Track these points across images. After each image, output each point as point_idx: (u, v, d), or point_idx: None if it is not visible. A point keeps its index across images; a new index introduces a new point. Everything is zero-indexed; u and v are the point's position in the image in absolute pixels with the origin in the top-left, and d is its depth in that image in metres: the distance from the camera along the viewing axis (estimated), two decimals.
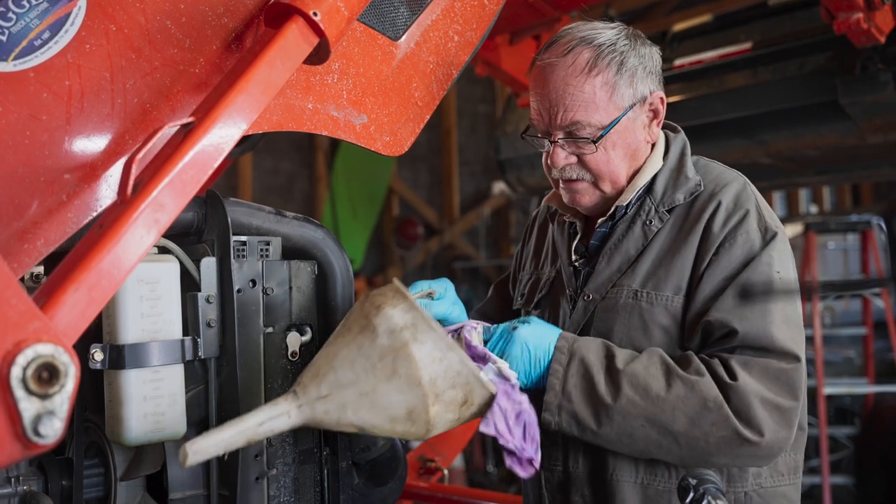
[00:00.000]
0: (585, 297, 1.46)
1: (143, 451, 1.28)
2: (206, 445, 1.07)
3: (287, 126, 1.25)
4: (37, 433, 0.71)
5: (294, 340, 1.38)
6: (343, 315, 1.43)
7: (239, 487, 1.27)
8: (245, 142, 1.38)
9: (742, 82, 3.42)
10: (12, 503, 1.21)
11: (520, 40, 3.33)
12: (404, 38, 1.44)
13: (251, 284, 1.33)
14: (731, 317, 1.29)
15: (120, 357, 1.17)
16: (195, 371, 1.30)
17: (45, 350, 0.71)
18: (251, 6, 1.21)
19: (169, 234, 1.25)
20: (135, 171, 0.94)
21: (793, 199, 9.85)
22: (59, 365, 0.72)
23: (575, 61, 1.37)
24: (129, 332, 1.19)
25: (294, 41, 1.08)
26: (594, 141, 1.38)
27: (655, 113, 1.45)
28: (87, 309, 0.83)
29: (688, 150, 1.50)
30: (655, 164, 1.46)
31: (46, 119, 1.00)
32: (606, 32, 1.41)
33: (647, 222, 1.42)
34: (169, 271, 1.24)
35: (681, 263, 1.37)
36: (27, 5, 1.00)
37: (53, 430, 0.71)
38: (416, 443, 2.97)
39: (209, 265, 1.29)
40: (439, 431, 1.17)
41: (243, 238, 1.33)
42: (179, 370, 1.24)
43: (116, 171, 1.06)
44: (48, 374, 0.71)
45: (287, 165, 8.11)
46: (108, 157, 1.06)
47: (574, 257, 1.53)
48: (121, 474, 1.27)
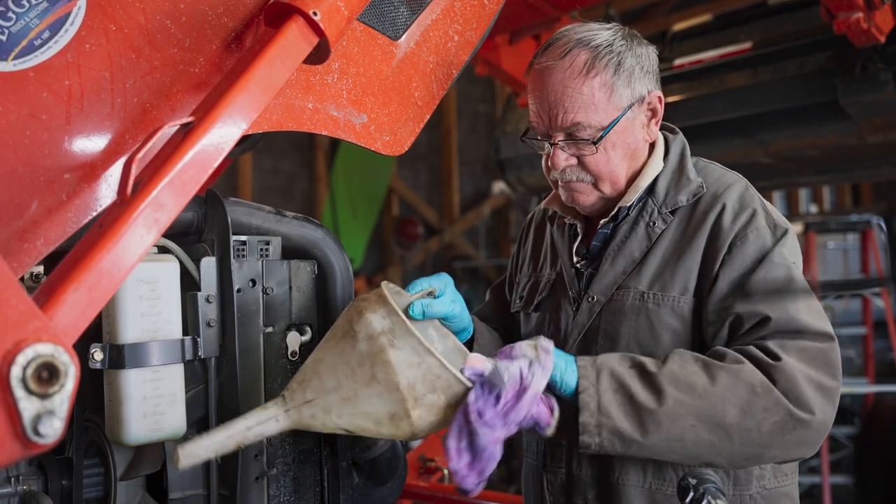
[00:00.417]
0: (590, 299, 1.45)
1: (143, 450, 1.28)
2: (196, 449, 1.09)
3: (287, 126, 1.25)
4: (36, 433, 0.71)
5: (294, 340, 1.38)
6: None
7: (239, 487, 1.27)
8: (245, 141, 1.38)
9: (742, 82, 3.42)
10: (12, 503, 1.21)
11: (520, 40, 3.33)
12: (404, 37, 1.44)
13: (251, 284, 1.33)
14: (761, 306, 1.28)
15: (120, 357, 1.17)
16: (195, 371, 1.30)
17: (44, 350, 0.71)
18: (251, 6, 1.21)
19: (169, 234, 1.25)
20: (135, 171, 0.94)
21: (793, 198, 9.85)
22: (59, 364, 0.72)
23: (573, 63, 1.37)
24: (129, 331, 1.19)
25: (294, 41, 1.08)
26: (594, 142, 1.38)
27: (654, 112, 1.46)
28: (87, 308, 0.83)
29: (687, 152, 1.50)
30: (657, 166, 1.46)
31: (46, 118, 1.00)
32: (603, 33, 1.41)
33: (651, 224, 1.42)
34: (169, 271, 1.24)
35: (687, 264, 1.37)
36: (27, 5, 1.00)
37: (53, 430, 0.71)
38: (416, 442, 2.97)
39: (209, 265, 1.29)
40: (426, 434, 1.17)
41: (243, 238, 1.33)
42: (179, 370, 1.25)
43: (116, 170, 1.06)
44: (48, 374, 0.71)
45: (287, 165, 8.11)
46: (107, 157, 1.06)
47: (576, 259, 1.53)
48: (121, 474, 1.27)
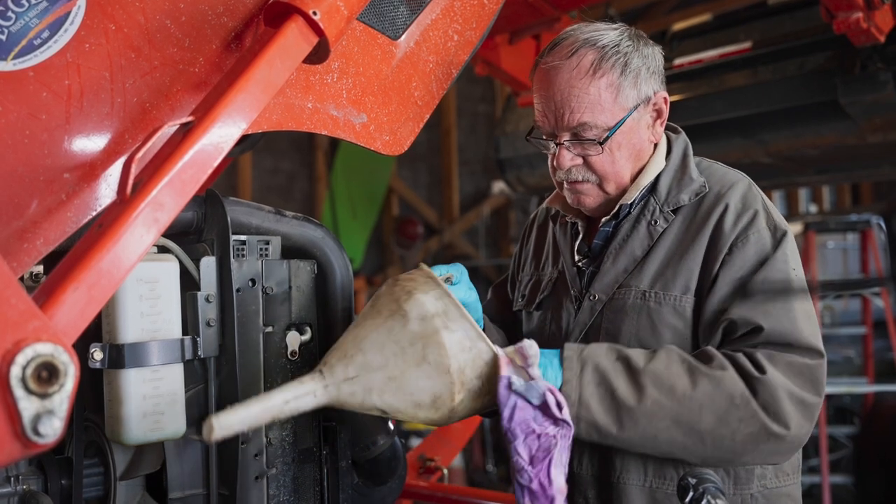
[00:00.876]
0: (591, 298, 1.45)
1: (143, 450, 1.28)
2: (231, 421, 1.07)
3: (287, 125, 1.25)
4: (36, 432, 0.71)
5: (294, 340, 1.38)
6: (343, 314, 1.43)
7: (238, 486, 1.27)
8: (245, 141, 1.38)
9: (742, 82, 3.42)
10: (12, 502, 1.21)
11: (519, 40, 3.33)
12: (404, 37, 1.44)
13: (251, 284, 1.33)
14: (755, 314, 1.28)
15: (119, 356, 1.17)
16: (195, 370, 1.30)
17: (44, 349, 0.71)
18: (251, 5, 1.21)
19: (168, 234, 1.25)
20: (134, 171, 0.94)
21: (792, 198, 9.85)
22: (59, 364, 0.72)
23: (579, 63, 1.37)
24: (129, 331, 1.19)
25: (294, 40, 1.08)
26: (600, 142, 1.38)
27: (659, 113, 1.46)
28: (87, 308, 0.83)
29: (690, 151, 1.50)
30: (658, 164, 1.46)
31: (46, 118, 1.00)
32: (610, 34, 1.41)
33: (653, 222, 1.42)
34: (168, 270, 1.24)
35: (689, 263, 1.37)
36: (26, 4, 1.00)
37: (53, 430, 0.71)
38: (415, 442, 2.97)
39: (209, 264, 1.29)
40: (460, 419, 1.18)
41: (243, 237, 1.33)
42: (179, 369, 1.24)
43: (116, 170, 1.06)
44: (48, 374, 0.71)
45: (287, 165, 8.11)
46: (107, 157, 1.06)
47: (577, 257, 1.53)
48: (120, 473, 1.27)
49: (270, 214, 1.39)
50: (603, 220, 1.49)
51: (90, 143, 1.05)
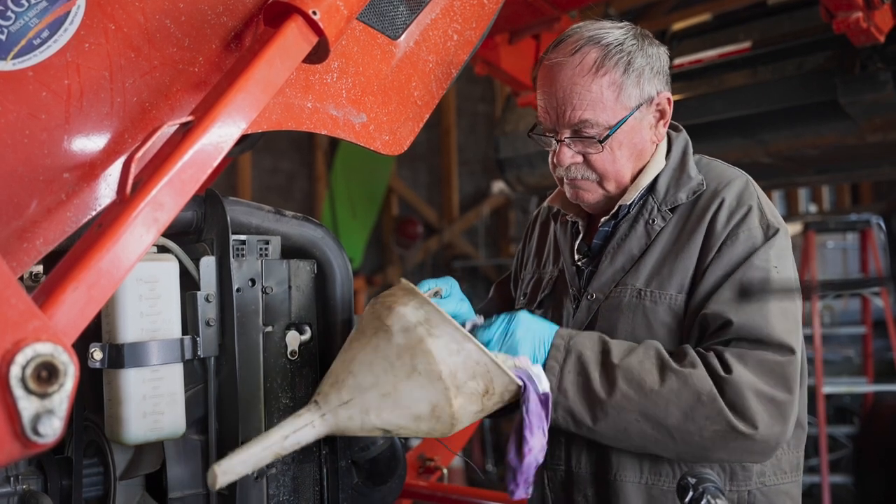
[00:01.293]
0: (589, 297, 1.46)
1: (143, 450, 1.28)
2: (233, 464, 1.06)
3: (286, 125, 1.25)
4: (36, 432, 0.71)
5: (293, 339, 1.38)
6: (342, 314, 1.43)
7: (238, 486, 1.27)
8: (244, 141, 1.38)
9: (741, 81, 3.42)
10: (12, 502, 1.21)
11: (519, 39, 3.32)
12: (403, 36, 1.44)
13: (250, 283, 1.33)
14: (727, 308, 1.29)
15: (119, 356, 1.17)
16: (194, 370, 1.30)
17: (44, 349, 0.71)
18: (250, 5, 1.21)
19: (168, 233, 1.25)
20: (134, 170, 0.94)
21: (792, 198, 9.85)
22: (59, 364, 0.72)
23: (583, 61, 1.37)
24: (129, 331, 1.19)
25: (293, 40, 1.07)
26: (601, 141, 1.38)
27: (662, 113, 1.46)
28: (87, 308, 0.83)
29: (690, 150, 1.50)
30: (658, 164, 1.46)
31: (45, 118, 1.00)
32: (614, 32, 1.41)
33: (650, 221, 1.43)
34: (168, 270, 1.24)
35: (684, 262, 1.37)
36: (26, 4, 1.00)
37: (52, 430, 0.71)
38: (415, 441, 2.97)
39: (208, 264, 1.29)
40: (464, 425, 1.17)
41: (242, 237, 1.33)
42: (179, 369, 1.24)
43: (115, 169, 1.06)
44: (47, 374, 0.71)
45: (286, 164, 8.11)
46: (107, 156, 1.06)
47: (577, 256, 1.54)
48: (120, 473, 1.27)
49: (270, 214, 1.39)
50: (602, 219, 1.49)
51: (90, 143, 1.05)
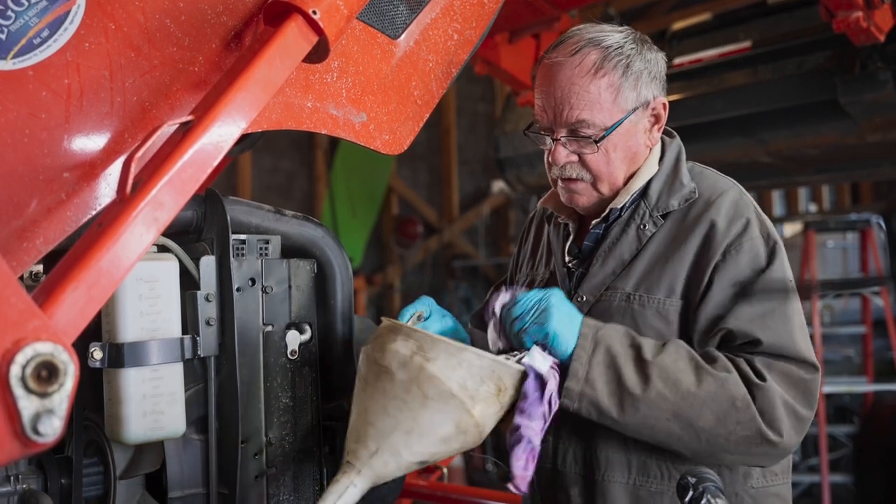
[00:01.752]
0: (579, 299, 1.46)
1: (143, 449, 1.28)
2: None
3: (286, 124, 1.25)
4: (36, 432, 0.70)
5: (293, 339, 1.38)
6: (342, 313, 1.43)
7: (238, 486, 1.27)
8: (244, 140, 1.38)
9: (742, 81, 3.42)
10: (12, 501, 1.21)
11: (519, 39, 3.32)
12: (403, 36, 1.44)
13: (250, 283, 1.33)
14: (753, 326, 1.30)
15: (119, 355, 1.17)
16: (195, 369, 1.30)
17: (44, 348, 0.71)
18: (250, 5, 1.21)
19: (168, 233, 1.25)
20: (134, 170, 0.94)
21: (792, 197, 9.85)
22: (59, 363, 0.72)
23: (582, 61, 1.39)
24: (129, 330, 1.19)
25: (293, 39, 1.07)
26: (597, 141, 1.39)
27: (657, 118, 1.47)
28: (87, 307, 0.83)
29: (683, 156, 1.50)
30: (651, 169, 1.47)
31: (45, 117, 1.00)
32: (614, 35, 1.42)
33: (642, 226, 1.43)
34: (168, 270, 1.24)
35: (675, 267, 1.37)
36: (26, 3, 1.00)
37: (52, 429, 0.71)
38: None
39: (208, 264, 1.29)
40: (491, 427, 1.20)
41: (242, 236, 1.33)
42: (179, 369, 1.25)
43: (115, 169, 1.06)
44: (47, 373, 0.71)
45: (286, 164, 8.11)
46: (107, 156, 1.06)
47: (568, 258, 1.54)
48: (120, 473, 1.27)
49: (270, 214, 1.40)
50: (593, 222, 1.49)
51: (90, 143, 1.05)
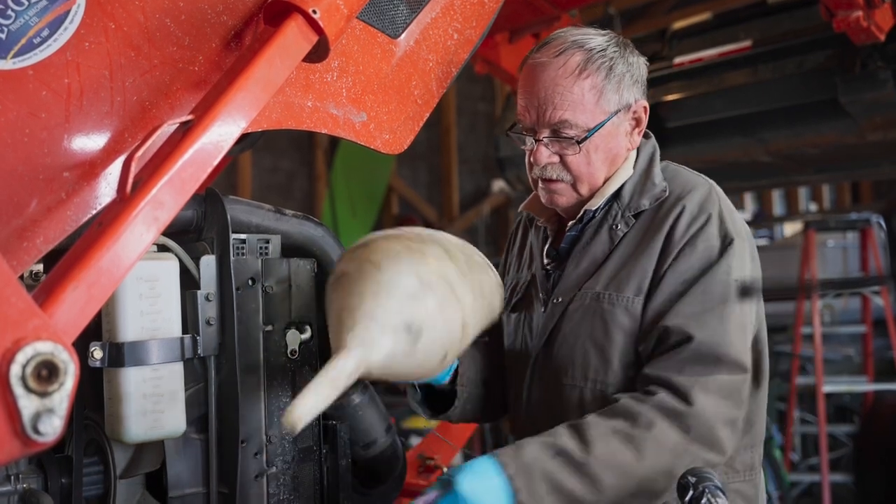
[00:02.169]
0: (555, 300, 1.47)
1: (143, 448, 1.28)
2: (307, 407, 1.04)
3: (286, 124, 1.25)
4: (36, 431, 0.71)
5: (293, 338, 1.38)
6: None
7: (238, 485, 1.27)
8: (244, 140, 1.38)
9: (742, 80, 3.42)
10: (12, 501, 1.21)
11: (519, 38, 3.32)
12: (404, 35, 1.44)
13: (250, 282, 1.33)
14: (689, 322, 1.30)
15: (119, 355, 1.18)
16: (195, 369, 1.31)
17: (44, 348, 0.71)
18: (250, 4, 1.21)
19: (168, 232, 1.25)
20: (134, 169, 0.94)
21: (792, 197, 9.85)
22: (59, 363, 0.72)
23: (566, 62, 1.40)
24: (129, 329, 1.19)
25: (293, 39, 1.08)
26: (579, 142, 1.40)
27: (638, 121, 1.48)
28: (87, 307, 0.83)
29: (657, 156, 1.52)
30: (627, 172, 1.48)
31: (46, 117, 1.00)
32: (598, 38, 1.44)
33: (614, 226, 1.45)
34: (168, 269, 1.24)
35: (642, 265, 1.39)
36: (26, 3, 1.00)
37: (53, 428, 0.71)
38: (415, 441, 2.97)
39: (208, 263, 1.29)
40: (463, 286, 1.24)
41: (243, 236, 1.33)
42: (179, 368, 1.25)
43: (116, 168, 1.06)
44: (47, 372, 0.71)
45: (286, 164, 8.11)
46: (107, 155, 1.06)
47: (546, 261, 1.55)
48: (120, 472, 1.27)
49: (270, 213, 1.40)
50: (570, 224, 1.51)
51: (90, 142, 1.05)
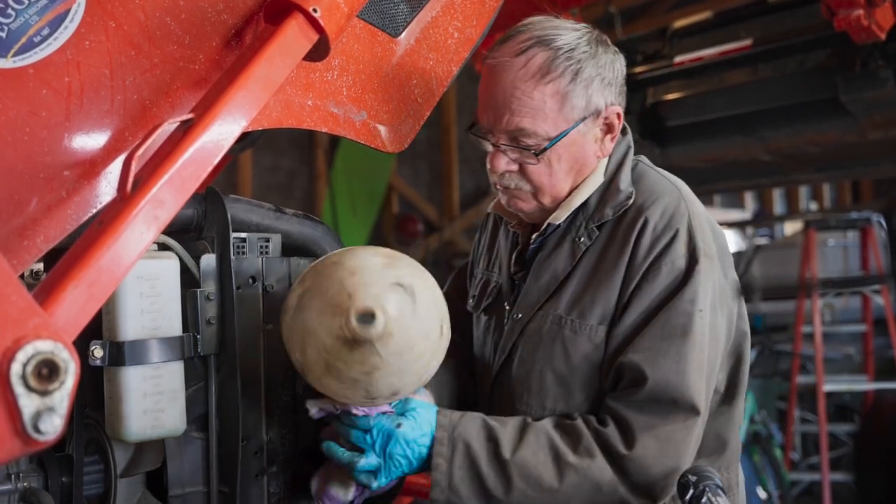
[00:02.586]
0: (515, 316, 1.39)
1: (143, 447, 1.28)
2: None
3: (287, 123, 1.25)
4: (37, 430, 0.70)
5: None
6: None
7: (239, 484, 1.27)
8: (245, 139, 1.38)
9: (742, 79, 3.42)
10: (13, 500, 1.21)
11: None
12: (404, 34, 1.44)
13: (251, 281, 1.33)
14: (645, 361, 1.22)
15: (120, 354, 1.17)
16: (195, 368, 1.30)
17: (44, 347, 0.71)
18: (251, 3, 1.21)
19: (169, 231, 1.25)
20: (134, 168, 0.94)
21: (793, 196, 9.85)
22: (59, 362, 0.72)
23: (527, 64, 1.26)
24: (129, 328, 1.19)
25: (294, 38, 1.07)
26: (537, 153, 1.29)
27: (610, 128, 1.35)
28: (87, 305, 0.83)
29: (628, 158, 1.39)
30: (596, 180, 1.37)
31: (46, 115, 1.00)
32: (567, 35, 1.29)
33: (577, 238, 1.34)
34: (169, 268, 1.24)
35: (607, 291, 1.29)
36: (27, 1, 1.00)
37: (53, 427, 0.71)
38: None
39: (209, 262, 1.29)
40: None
41: (243, 235, 1.33)
42: (179, 367, 1.24)
43: (116, 167, 1.06)
44: (48, 371, 0.71)
45: (287, 162, 8.10)
46: (107, 154, 1.06)
47: (514, 268, 1.46)
48: (121, 471, 1.27)
49: (270, 212, 1.39)
50: (533, 236, 1.41)
51: (90, 141, 1.05)
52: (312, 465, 1.39)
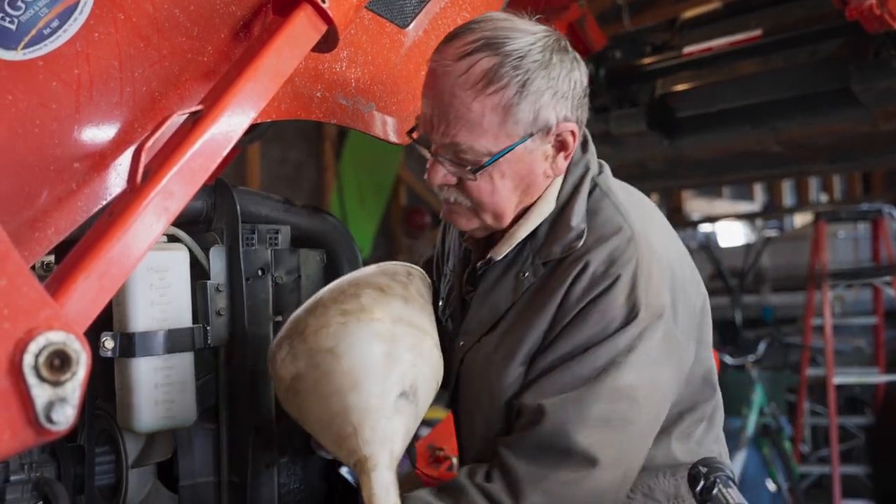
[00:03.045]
0: (458, 343, 1.31)
1: (154, 438, 1.29)
2: None
3: (295, 114, 1.25)
4: (49, 420, 0.71)
5: None
6: None
7: (249, 475, 1.28)
8: (253, 130, 1.39)
9: (753, 70, 3.39)
10: (26, 489, 1.22)
11: None
12: (412, 25, 1.44)
13: (260, 273, 1.33)
14: (547, 404, 1.13)
15: (130, 345, 1.18)
16: (205, 359, 1.31)
17: (56, 337, 0.72)
18: None
19: (178, 223, 1.26)
20: (144, 160, 0.94)
21: (803, 187, 9.79)
22: (71, 352, 0.72)
23: (469, 70, 1.12)
24: (140, 320, 1.20)
25: (302, 29, 1.07)
26: (474, 170, 1.16)
27: (563, 145, 1.20)
28: (98, 297, 0.83)
29: (584, 184, 1.24)
30: (546, 207, 1.23)
31: (56, 108, 1.01)
32: (520, 40, 1.14)
33: (522, 273, 1.23)
34: (178, 260, 1.25)
35: (534, 332, 1.19)
36: None
37: (65, 417, 0.71)
38: (424, 431, 2.98)
39: (218, 254, 1.29)
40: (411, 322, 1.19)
41: (252, 226, 1.33)
42: (189, 358, 1.25)
43: (126, 159, 1.06)
44: (60, 362, 0.72)
45: (295, 154, 8.11)
46: (117, 146, 1.06)
47: (466, 287, 1.35)
48: (132, 461, 1.28)
49: (280, 204, 1.40)
50: (478, 264, 1.30)
51: (100, 133, 1.05)
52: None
